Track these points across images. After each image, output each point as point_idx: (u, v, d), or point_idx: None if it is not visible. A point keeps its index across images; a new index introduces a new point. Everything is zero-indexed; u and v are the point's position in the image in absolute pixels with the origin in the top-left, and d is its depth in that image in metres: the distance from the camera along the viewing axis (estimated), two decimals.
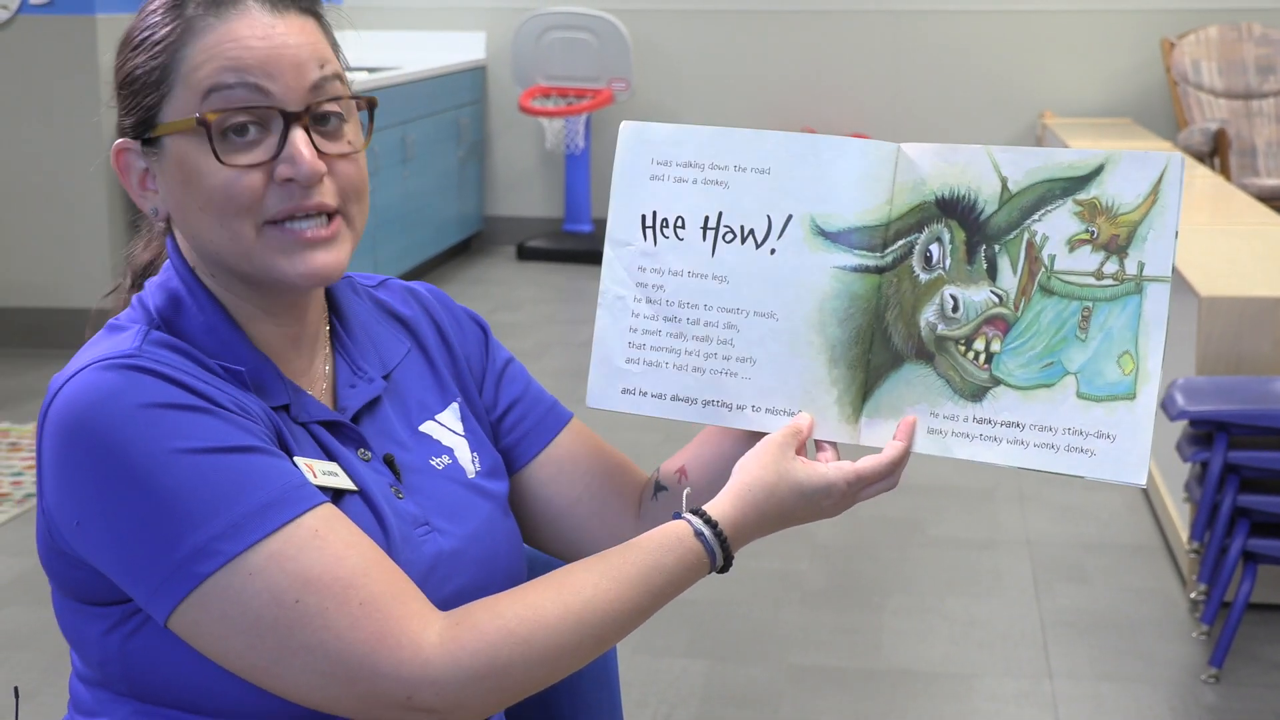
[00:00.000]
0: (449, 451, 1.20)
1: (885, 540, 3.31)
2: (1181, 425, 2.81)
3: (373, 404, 1.18)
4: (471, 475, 1.20)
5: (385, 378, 1.19)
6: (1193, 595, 2.85)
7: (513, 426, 1.28)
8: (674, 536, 1.10)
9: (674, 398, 1.21)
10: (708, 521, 1.11)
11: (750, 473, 1.13)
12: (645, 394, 1.21)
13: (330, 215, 1.10)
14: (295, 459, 1.08)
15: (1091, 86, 6.25)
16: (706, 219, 1.20)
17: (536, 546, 1.29)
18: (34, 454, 3.80)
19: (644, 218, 1.22)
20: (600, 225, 6.50)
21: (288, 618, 1.00)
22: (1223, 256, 3.23)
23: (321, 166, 1.08)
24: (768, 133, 1.20)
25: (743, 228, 1.19)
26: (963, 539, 3.32)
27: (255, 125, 1.08)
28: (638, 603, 1.08)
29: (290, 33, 1.10)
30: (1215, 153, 5.43)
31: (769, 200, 1.18)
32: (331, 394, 1.18)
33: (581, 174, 6.38)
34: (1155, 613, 2.93)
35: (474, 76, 6.44)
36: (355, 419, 1.16)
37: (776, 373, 1.17)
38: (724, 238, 1.19)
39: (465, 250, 6.57)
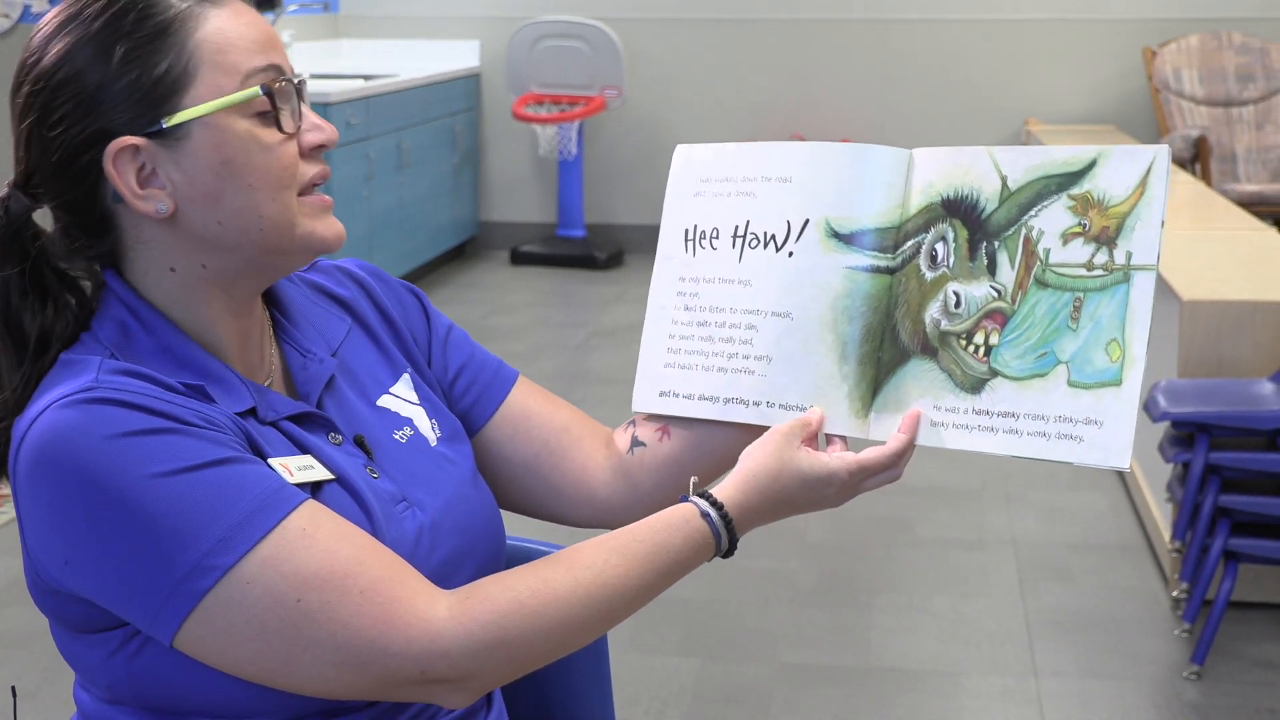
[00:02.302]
0: (409, 422, 1.21)
1: (874, 540, 3.35)
2: (1164, 427, 2.85)
3: (330, 385, 1.19)
4: (434, 443, 1.21)
5: (333, 355, 1.21)
6: (1175, 594, 2.89)
7: (465, 390, 1.29)
8: (681, 517, 1.13)
9: (700, 397, 1.25)
10: (714, 504, 1.13)
11: (755, 459, 1.16)
12: (678, 395, 1.26)
13: None
14: (270, 461, 1.09)
15: (1075, 94, 6.30)
16: (736, 228, 1.25)
17: (507, 507, 1.31)
18: None
19: (686, 232, 1.28)
20: (592, 230, 6.54)
21: (292, 618, 1.02)
22: (1204, 261, 3.27)
23: None
24: (794, 144, 1.25)
25: (766, 233, 1.24)
26: (950, 539, 3.36)
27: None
28: (645, 579, 1.10)
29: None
30: (1196, 159, 5.48)
31: (790, 206, 1.23)
32: (286, 382, 1.19)
33: (574, 180, 6.42)
34: (1138, 611, 2.96)
35: (468, 84, 6.48)
36: (319, 404, 1.17)
37: (790, 369, 1.21)
38: (750, 244, 1.24)
39: (460, 255, 6.61)
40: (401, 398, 1.23)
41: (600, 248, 6.34)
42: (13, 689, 1.30)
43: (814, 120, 6.43)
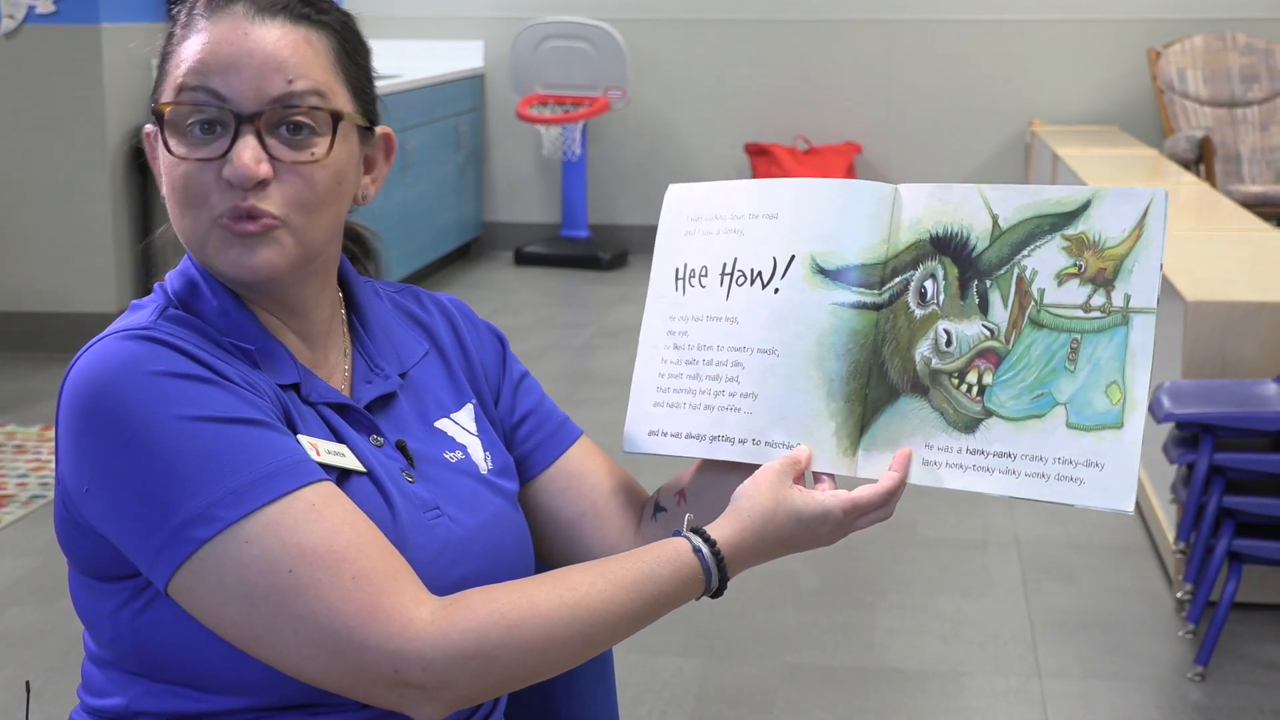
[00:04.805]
0: (462, 448, 1.22)
1: (877, 540, 3.35)
2: (1168, 427, 2.85)
3: (388, 400, 1.20)
4: (484, 471, 1.22)
5: (402, 376, 1.22)
6: (1179, 595, 2.89)
7: (527, 437, 1.30)
8: (672, 550, 1.13)
9: (688, 435, 1.25)
10: (707, 540, 1.14)
11: (749, 498, 1.16)
12: (666, 434, 1.26)
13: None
14: (300, 436, 1.10)
15: (1079, 95, 6.30)
16: (724, 265, 1.25)
17: (537, 557, 1.31)
18: (38, 457, 3.84)
19: (676, 271, 1.28)
20: (596, 231, 6.55)
21: (281, 586, 1.02)
22: (1208, 262, 3.27)
23: (259, 171, 1.09)
24: (782, 180, 1.25)
25: (752, 270, 1.23)
26: (953, 539, 3.36)
27: (219, 125, 1.10)
28: (629, 608, 1.11)
29: (265, 40, 1.11)
30: (1201, 160, 5.48)
31: (776, 242, 1.23)
32: (347, 388, 1.20)
33: (578, 180, 6.42)
34: (1142, 612, 2.96)
35: (473, 85, 6.48)
36: (369, 409, 1.18)
37: (776, 407, 1.21)
38: (737, 281, 1.24)
39: (464, 255, 6.61)
40: (460, 425, 1.24)
41: (604, 248, 6.34)
42: (26, 684, 1.34)
43: (818, 121, 6.44)
